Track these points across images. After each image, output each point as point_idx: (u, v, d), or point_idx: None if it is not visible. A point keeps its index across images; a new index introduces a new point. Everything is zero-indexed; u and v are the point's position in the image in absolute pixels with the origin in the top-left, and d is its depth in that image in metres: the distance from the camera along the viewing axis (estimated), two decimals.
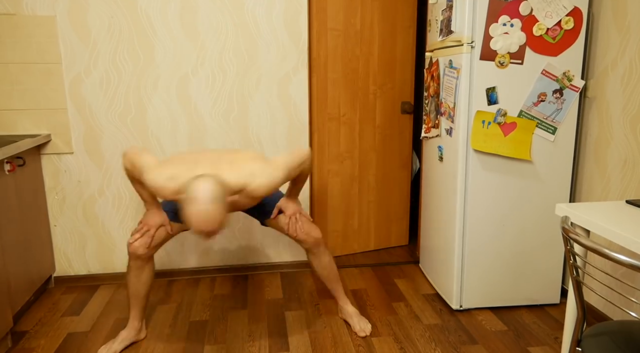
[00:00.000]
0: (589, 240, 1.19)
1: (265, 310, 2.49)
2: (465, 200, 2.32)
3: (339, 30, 2.81)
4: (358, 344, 2.15)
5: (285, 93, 2.77)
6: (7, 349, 2.14)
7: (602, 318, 2.23)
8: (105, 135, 2.67)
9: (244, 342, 2.19)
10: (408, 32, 2.99)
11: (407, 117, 3.10)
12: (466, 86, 2.21)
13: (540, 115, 2.25)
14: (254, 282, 2.83)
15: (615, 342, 1.31)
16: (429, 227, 2.76)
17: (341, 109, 2.92)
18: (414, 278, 2.86)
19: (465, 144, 2.26)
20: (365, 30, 2.87)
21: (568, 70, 2.21)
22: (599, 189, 2.29)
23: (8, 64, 2.51)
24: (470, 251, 2.37)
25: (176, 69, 2.65)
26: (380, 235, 3.23)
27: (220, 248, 2.91)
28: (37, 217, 2.55)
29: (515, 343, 2.15)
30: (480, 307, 2.45)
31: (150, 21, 2.58)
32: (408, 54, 3.03)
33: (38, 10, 2.48)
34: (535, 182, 2.33)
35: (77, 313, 2.44)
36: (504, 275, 2.42)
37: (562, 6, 2.15)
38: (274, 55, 2.71)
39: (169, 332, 2.28)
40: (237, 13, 2.64)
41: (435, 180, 2.59)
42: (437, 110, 2.52)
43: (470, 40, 2.16)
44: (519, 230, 2.37)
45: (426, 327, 2.29)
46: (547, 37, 2.17)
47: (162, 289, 2.74)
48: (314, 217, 3.00)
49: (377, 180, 3.12)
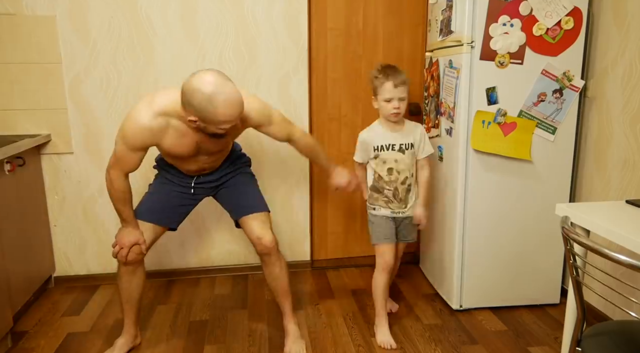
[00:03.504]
0: (589, 240, 1.19)
1: (265, 310, 2.49)
2: (465, 200, 2.32)
3: (340, 30, 2.81)
4: (358, 344, 2.15)
5: (286, 93, 2.77)
6: (7, 349, 2.14)
7: (602, 318, 2.23)
8: (105, 135, 2.66)
9: (244, 342, 2.19)
10: (416, 31, 2.89)
11: (415, 118, 3.00)
12: (466, 86, 2.21)
13: (540, 115, 2.25)
14: (254, 282, 2.83)
15: (615, 342, 1.31)
16: (429, 227, 2.76)
17: (342, 109, 2.91)
18: (414, 278, 2.86)
19: (465, 144, 2.26)
20: (369, 30, 2.85)
21: (568, 70, 2.21)
22: (599, 189, 2.29)
23: (8, 64, 2.51)
24: (470, 251, 2.37)
25: (176, 69, 2.65)
26: None
27: (220, 248, 2.91)
28: (37, 217, 2.55)
29: (515, 343, 2.15)
30: (480, 307, 2.44)
31: (150, 21, 2.58)
32: (417, 54, 2.93)
33: (38, 10, 2.48)
34: (535, 182, 2.32)
35: (77, 314, 2.44)
36: (503, 275, 2.42)
37: (562, 6, 2.15)
38: (274, 55, 2.71)
39: (169, 332, 2.28)
40: (237, 13, 2.64)
41: (436, 180, 2.59)
42: (437, 110, 2.52)
43: (470, 40, 2.16)
44: (519, 230, 2.37)
45: (426, 327, 2.29)
46: (547, 37, 2.17)
47: (162, 289, 2.74)
48: (313, 219, 2.99)
49: None
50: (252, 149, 2.78)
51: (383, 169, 2.12)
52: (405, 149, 2.12)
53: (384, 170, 2.12)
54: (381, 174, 2.13)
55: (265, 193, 2.82)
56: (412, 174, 2.15)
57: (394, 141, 2.11)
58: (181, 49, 2.63)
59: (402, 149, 2.11)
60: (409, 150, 2.12)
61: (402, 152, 2.11)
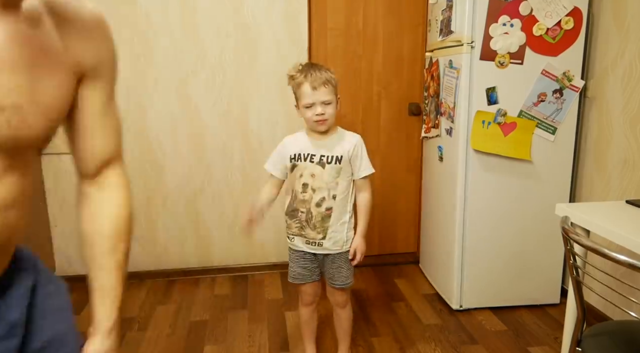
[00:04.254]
0: (589, 240, 1.19)
1: (265, 310, 2.49)
2: (465, 200, 2.32)
3: (340, 30, 2.80)
4: (358, 344, 2.15)
5: (285, 93, 2.76)
6: None
7: (602, 318, 2.23)
8: None
9: (244, 342, 2.19)
10: (416, 31, 2.88)
11: (415, 119, 2.98)
12: (466, 86, 2.21)
13: (540, 115, 2.25)
14: (254, 282, 2.83)
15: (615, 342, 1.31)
16: (429, 227, 2.76)
17: (342, 109, 2.90)
18: (414, 278, 2.86)
19: (465, 144, 2.26)
20: (369, 30, 2.84)
21: (568, 70, 2.21)
22: (599, 189, 2.29)
23: None
24: (470, 251, 2.37)
25: (176, 69, 2.65)
26: (385, 240, 3.16)
27: (220, 249, 2.91)
28: (37, 217, 2.55)
29: (515, 343, 2.15)
30: (480, 307, 2.44)
31: (150, 21, 2.57)
32: (416, 54, 2.91)
33: None
34: (535, 182, 2.32)
35: (77, 313, 2.44)
36: (503, 275, 2.42)
37: (562, 6, 2.14)
38: (274, 55, 2.71)
39: (169, 332, 2.28)
40: (237, 13, 2.64)
41: (435, 180, 2.59)
42: (437, 110, 2.52)
43: (470, 40, 2.16)
44: (519, 230, 2.37)
45: (426, 327, 2.29)
46: (547, 37, 2.17)
47: (162, 289, 2.74)
48: None
49: (381, 184, 3.05)
50: (252, 148, 2.79)
51: (298, 185, 1.72)
52: (327, 162, 1.69)
53: (299, 186, 1.72)
54: (296, 192, 1.74)
55: None
56: (333, 197, 1.71)
57: (314, 151, 1.71)
58: (181, 49, 2.63)
59: (322, 161, 1.70)
60: (331, 164, 1.69)
61: (322, 165, 1.70)
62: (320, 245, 1.77)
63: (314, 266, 1.83)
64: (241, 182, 2.83)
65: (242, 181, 2.83)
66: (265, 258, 2.95)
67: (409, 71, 2.94)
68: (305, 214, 1.73)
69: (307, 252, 1.80)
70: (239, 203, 2.85)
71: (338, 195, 1.72)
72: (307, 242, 1.78)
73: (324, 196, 1.70)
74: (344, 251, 1.78)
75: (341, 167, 1.71)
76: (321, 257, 1.81)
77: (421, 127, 2.81)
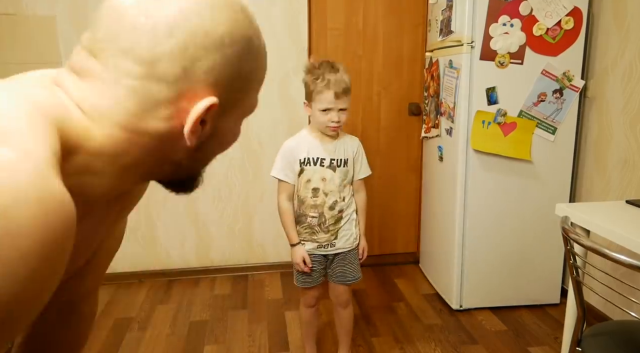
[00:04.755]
0: (589, 240, 1.19)
1: (265, 310, 2.49)
2: (465, 200, 2.32)
3: (340, 30, 2.80)
4: (358, 344, 2.15)
5: (286, 93, 2.77)
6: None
7: (602, 318, 2.23)
8: None
9: (244, 342, 2.19)
10: (416, 31, 2.88)
11: (415, 119, 2.98)
12: (466, 86, 2.21)
13: (540, 115, 2.25)
14: (254, 282, 2.83)
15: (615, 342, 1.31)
16: (428, 227, 2.76)
17: None
18: (414, 278, 2.86)
19: (465, 144, 2.26)
20: (369, 30, 2.84)
21: (568, 70, 2.21)
22: (599, 189, 2.29)
23: (8, 63, 2.51)
24: (470, 251, 2.37)
25: None
26: (385, 240, 3.16)
27: (220, 249, 2.91)
28: None
29: (515, 343, 2.15)
30: (480, 307, 2.44)
31: None
32: (416, 54, 2.91)
33: (38, 10, 2.48)
34: (535, 182, 2.32)
35: None
36: (503, 275, 2.42)
37: (562, 6, 2.14)
38: (274, 55, 2.70)
39: (169, 332, 2.28)
40: None
41: (435, 180, 2.59)
42: (437, 110, 2.52)
43: (470, 40, 2.16)
44: (519, 230, 2.37)
45: (426, 327, 2.29)
46: (547, 37, 2.17)
47: (162, 289, 2.74)
48: None
49: (381, 184, 3.05)
50: (252, 148, 2.79)
51: (307, 190, 1.71)
52: (337, 165, 1.71)
53: (308, 191, 1.71)
54: (304, 198, 1.73)
55: (265, 192, 2.83)
56: (342, 198, 1.74)
57: (324, 154, 1.70)
58: None
59: (332, 165, 1.70)
60: (340, 167, 1.72)
61: (333, 169, 1.70)
62: (332, 246, 1.78)
63: (321, 267, 1.83)
64: (241, 182, 2.83)
65: (242, 181, 2.83)
66: (265, 258, 2.95)
67: (409, 71, 2.94)
68: (318, 218, 1.73)
69: (316, 254, 1.80)
70: (239, 203, 2.85)
71: (346, 196, 1.76)
72: (320, 245, 1.77)
73: (336, 199, 1.73)
74: (354, 247, 1.82)
75: (348, 170, 1.75)
76: (331, 257, 1.81)
77: (421, 127, 2.81)
